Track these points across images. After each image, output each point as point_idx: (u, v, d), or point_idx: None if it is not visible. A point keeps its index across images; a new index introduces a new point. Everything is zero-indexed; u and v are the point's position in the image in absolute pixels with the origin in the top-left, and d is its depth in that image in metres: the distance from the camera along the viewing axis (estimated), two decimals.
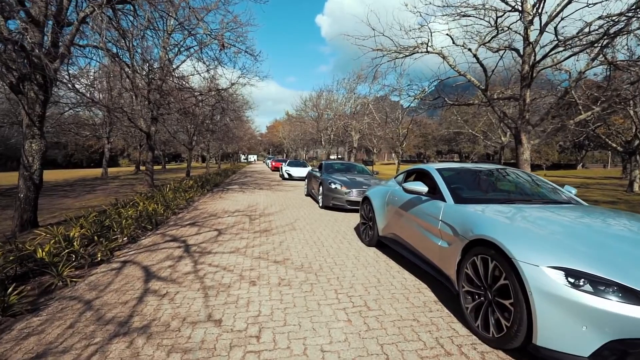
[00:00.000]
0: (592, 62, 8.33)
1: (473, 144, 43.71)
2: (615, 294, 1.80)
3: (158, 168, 36.14)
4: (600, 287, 1.83)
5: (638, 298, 1.76)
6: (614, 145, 16.08)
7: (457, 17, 9.15)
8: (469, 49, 9.20)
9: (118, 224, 5.29)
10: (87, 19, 5.91)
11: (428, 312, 2.83)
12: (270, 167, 32.58)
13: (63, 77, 7.24)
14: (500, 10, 8.57)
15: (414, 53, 9.85)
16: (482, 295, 2.45)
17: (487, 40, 9.16)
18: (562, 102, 9.95)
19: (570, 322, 1.84)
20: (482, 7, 8.65)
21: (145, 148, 16.54)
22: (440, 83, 10.80)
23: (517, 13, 8.49)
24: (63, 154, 45.34)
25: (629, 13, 6.40)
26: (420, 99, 12.19)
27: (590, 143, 37.06)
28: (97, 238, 4.63)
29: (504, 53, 9.36)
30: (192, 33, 9.43)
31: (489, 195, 3.64)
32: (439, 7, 9.29)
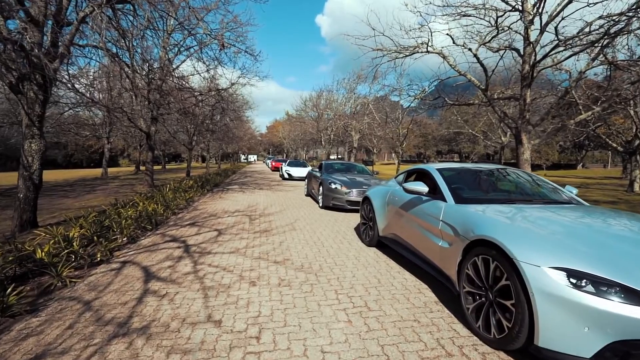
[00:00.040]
0: (592, 61, 8.33)
1: (473, 144, 43.70)
2: (618, 295, 1.78)
3: (158, 168, 36.14)
4: (603, 287, 1.82)
5: None
6: (614, 145, 16.07)
7: (457, 17, 9.15)
8: (469, 49, 9.20)
9: (118, 224, 5.28)
10: (86, 19, 5.91)
11: (429, 312, 2.82)
12: (270, 167, 32.57)
13: (63, 77, 7.24)
14: (501, 10, 8.57)
15: (414, 53, 9.85)
16: (483, 296, 2.44)
17: (487, 40, 9.16)
18: (562, 102, 9.94)
19: (572, 323, 1.83)
20: (482, 6, 8.65)
21: (145, 148, 16.55)
22: (441, 83, 10.80)
23: (517, 13, 8.49)
24: (63, 154, 45.33)
25: (630, 13, 6.40)
26: (421, 99, 12.19)
27: (591, 143, 37.06)
28: (96, 238, 4.62)
29: (504, 53, 9.37)
30: (192, 33, 9.42)
31: (490, 196, 3.63)
32: (439, 6, 9.29)
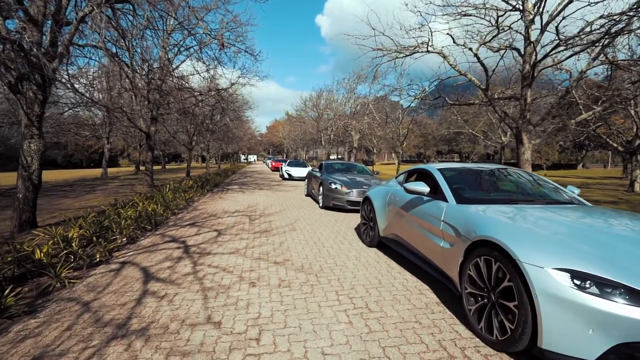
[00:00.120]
0: (593, 61, 8.31)
1: (473, 144, 43.66)
2: (622, 296, 1.76)
3: (158, 168, 36.11)
4: (607, 289, 1.80)
5: None
6: (615, 145, 16.04)
7: (457, 16, 9.13)
8: (470, 49, 9.18)
9: (117, 225, 5.26)
10: (86, 19, 5.88)
11: (430, 313, 2.80)
12: (270, 167, 32.55)
13: (62, 76, 7.22)
14: (501, 10, 8.55)
15: (415, 53, 9.83)
16: (485, 297, 2.42)
17: (487, 40, 9.14)
18: (563, 101, 9.92)
19: (576, 325, 1.81)
20: (482, 6, 8.63)
21: (145, 148, 16.53)
22: (441, 83, 10.77)
23: (518, 12, 8.47)
24: (63, 154, 45.28)
25: (630, 12, 6.38)
26: (421, 99, 12.16)
27: (591, 143, 37.06)
28: (95, 239, 4.59)
29: (505, 52, 9.35)
30: (191, 33, 9.40)
31: (492, 196, 3.61)
32: (440, 6, 9.27)
